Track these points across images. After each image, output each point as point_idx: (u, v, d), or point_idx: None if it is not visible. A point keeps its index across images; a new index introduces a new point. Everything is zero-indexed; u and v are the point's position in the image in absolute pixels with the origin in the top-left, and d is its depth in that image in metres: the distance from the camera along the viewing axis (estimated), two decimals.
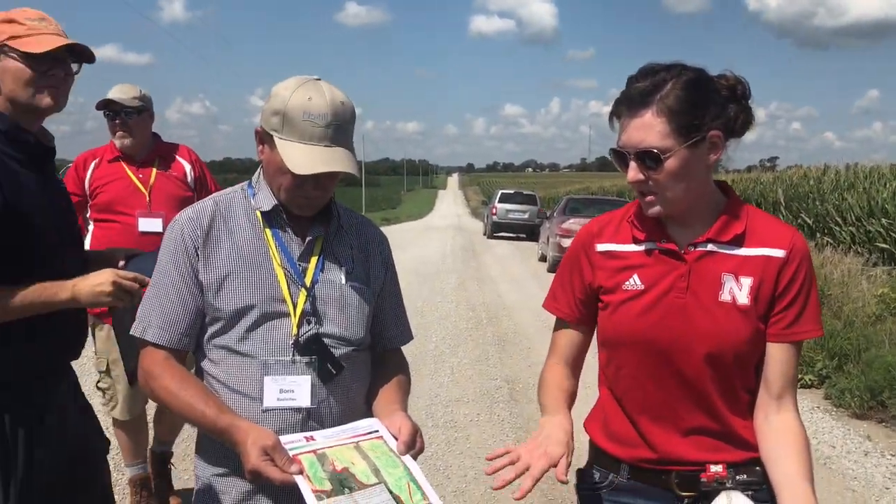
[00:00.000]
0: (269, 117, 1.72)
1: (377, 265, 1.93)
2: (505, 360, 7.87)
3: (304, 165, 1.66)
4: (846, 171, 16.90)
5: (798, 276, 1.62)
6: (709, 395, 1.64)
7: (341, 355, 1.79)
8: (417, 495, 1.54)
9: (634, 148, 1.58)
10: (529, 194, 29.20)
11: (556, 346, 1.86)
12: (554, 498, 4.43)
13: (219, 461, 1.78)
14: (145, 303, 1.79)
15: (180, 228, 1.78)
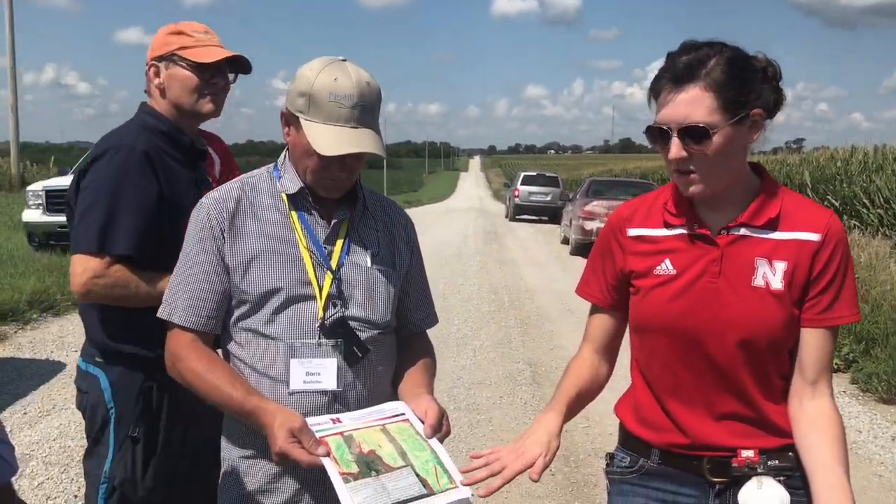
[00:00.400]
0: (294, 98, 1.71)
1: (402, 248, 1.92)
2: (527, 343, 7.87)
3: (330, 147, 1.65)
4: (874, 152, 16.66)
5: (833, 261, 1.59)
6: (741, 380, 1.61)
7: (367, 338, 1.79)
8: (444, 478, 1.53)
9: (679, 123, 1.52)
10: (552, 176, 29.06)
11: (590, 332, 1.84)
12: (577, 481, 4.43)
13: (245, 443, 1.78)
14: (172, 285, 1.79)
15: (206, 211, 1.78)
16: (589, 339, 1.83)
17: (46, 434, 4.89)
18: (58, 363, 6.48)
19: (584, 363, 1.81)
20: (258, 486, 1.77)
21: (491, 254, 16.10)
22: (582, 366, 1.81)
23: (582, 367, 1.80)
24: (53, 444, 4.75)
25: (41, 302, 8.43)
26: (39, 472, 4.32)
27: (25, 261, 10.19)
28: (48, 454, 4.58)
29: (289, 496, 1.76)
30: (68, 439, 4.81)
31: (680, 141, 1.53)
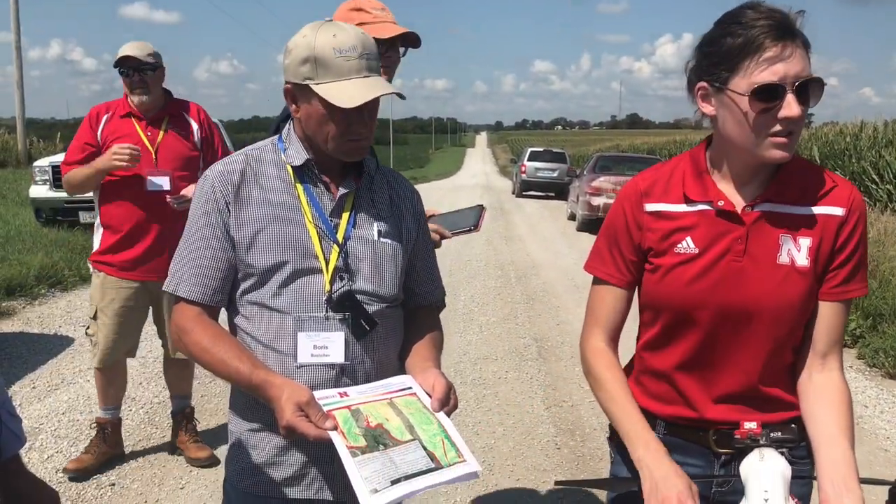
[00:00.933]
0: (297, 69, 1.68)
1: (409, 221, 1.91)
2: (533, 319, 7.87)
3: (351, 98, 1.63)
4: (884, 127, 16.51)
5: (855, 234, 1.57)
6: (758, 358, 1.59)
7: (375, 312, 1.78)
8: (452, 452, 1.52)
9: (797, 78, 1.44)
10: (559, 152, 28.91)
11: (599, 314, 1.74)
12: (583, 455, 4.45)
13: (252, 416, 1.78)
14: (177, 258, 1.79)
15: (211, 183, 1.76)
16: (600, 323, 1.73)
17: (55, 408, 4.92)
18: (66, 338, 6.51)
19: (607, 356, 1.71)
20: (265, 458, 1.78)
21: (497, 230, 16.07)
22: (609, 360, 1.70)
23: (609, 362, 1.70)
24: (62, 417, 4.78)
25: (49, 277, 8.46)
26: (49, 446, 4.35)
27: (33, 236, 10.20)
28: (57, 428, 4.61)
29: (296, 469, 1.77)
30: (77, 413, 4.85)
31: (795, 98, 1.45)
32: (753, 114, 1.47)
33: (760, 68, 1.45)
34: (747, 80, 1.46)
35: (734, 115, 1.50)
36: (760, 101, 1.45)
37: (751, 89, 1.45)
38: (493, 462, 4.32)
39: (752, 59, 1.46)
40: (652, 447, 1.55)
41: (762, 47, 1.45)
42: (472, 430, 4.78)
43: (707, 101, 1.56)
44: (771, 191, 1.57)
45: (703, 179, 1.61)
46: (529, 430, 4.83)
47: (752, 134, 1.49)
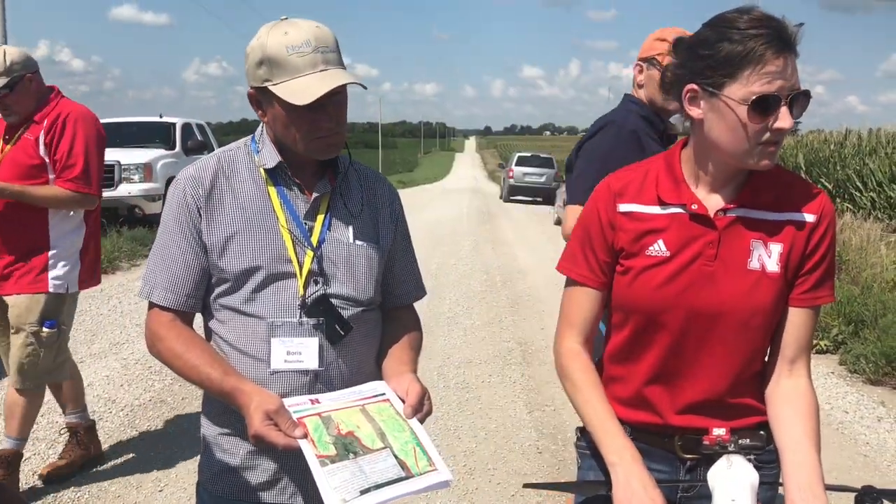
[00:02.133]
0: (254, 72, 1.67)
1: (386, 221, 1.88)
2: (518, 323, 7.88)
3: (307, 93, 1.60)
4: (868, 135, 16.63)
5: (824, 241, 1.57)
6: (727, 363, 1.59)
7: (350, 316, 1.76)
8: (423, 460, 1.51)
9: (791, 91, 1.45)
10: (546, 157, 28.99)
11: (572, 316, 1.72)
12: (564, 459, 4.45)
13: (224, 421, 1.77)
14: (150, 264, 1.76)
15: (182, 188, 1.73)
16: (574, 325, 1.71)
17: None
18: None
19: (582, 359, 1.69)
20: (238, 463, 1.76)
21: (484, 234, 16.09)
22: (583, 363, 1.69)
23: (584, 364, 1.68)
24: (40, 419, 4.71)
25: None
26: (26, 448, 4.29)
27: None
28: (36, 430, 4.54)
29: (269, 474, 1.75)
30: (55, 415, 4.79)
31: (788, 110, 1.46)
32: (750, 123, 1.47)
33: (763, 80, 1.44)
34: (746, 90, 1.45)
35: (726, 122, 1.49)
36: (758, 113, 1.45)
37: (750, 99, 1.45)
38: (474, 466, 4.32)
39: (753, 70, 1.45)
40: (626, 455, 1.54)
41: (764, 59, 1.44)
42: (454, 434, 4.78)
43: (695, 103, 1.55)
44: (744, 196, 1.58)
45: (677, 182, 1.61)
46: (511, 434, 4.82)
47: (745, 142, 1.49)
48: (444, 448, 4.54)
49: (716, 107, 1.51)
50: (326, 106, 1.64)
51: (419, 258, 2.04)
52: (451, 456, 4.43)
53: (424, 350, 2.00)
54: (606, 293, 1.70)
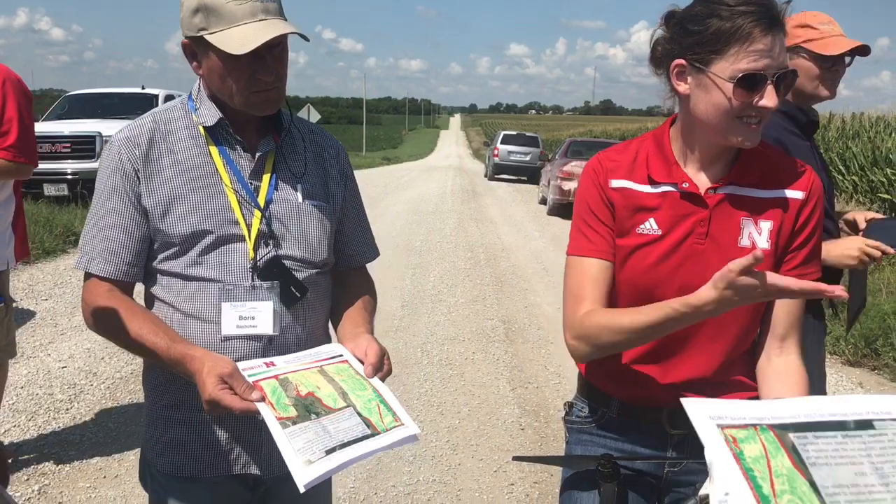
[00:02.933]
0: (190, 20, 1.58)
1: (335, 179, 1.80)
2: (502, 301, 7.89)
3: (244, 42, 1.51)
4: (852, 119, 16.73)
5: (813, 217, 1.58)
6: (718, 341, 1.60)
7: (304, 278, 1.70)
8: (388, 417, 1.46)
9: (777, 69, 1.45)
10: (532, 136, 28.93)
11: (587, 292, 1.60)
12: (547, 436, 4.47)
13: (169, 392, 1.68)
14: (86, 234, 1.66)
15: (117, 150, 1.63)
16: (588, 298, 1.60)
17: (14, 381, 4.83)
18: (26, 311, 6.41)
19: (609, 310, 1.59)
20: (186, 436, 1.68)
21: (468, 212, 16.07)
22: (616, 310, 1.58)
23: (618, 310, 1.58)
24: (21, 391, 4.71)
25: None
26: (6, 420, 4.28)
27: None
28: (15, 401, 4.54)
29: (222, 445, 1.68)
30: (36, 387, 4.78)
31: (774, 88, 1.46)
32: (734, 100, 1.46)
33: (750, 58, 1.44)
34: (733, 67, 1.45)
35: (712, 98, 1.49)
36: (744, 90, 1.45)
37: (736, 77, 1.44)
38: (457, 442, 4.33)
39: (740, 47, 1.44)
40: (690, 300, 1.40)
41: (751, 37, 1.44)
42: (438, 411, 4.79)
43: (682, 78, 1.54)
44: (734, 173, 1.58)
45: (667, 160, 1.60)
46: (494, 411, 4.84)
47: (727, 118, 1.49)
48: (428, 424, 4.55)
49: (702, 83, 1.50)
50: (265, 57, 1.56)
51: (403, 236, 2.03)
52: (435, 432, 4.45)
53: (408, 327, 2.00)
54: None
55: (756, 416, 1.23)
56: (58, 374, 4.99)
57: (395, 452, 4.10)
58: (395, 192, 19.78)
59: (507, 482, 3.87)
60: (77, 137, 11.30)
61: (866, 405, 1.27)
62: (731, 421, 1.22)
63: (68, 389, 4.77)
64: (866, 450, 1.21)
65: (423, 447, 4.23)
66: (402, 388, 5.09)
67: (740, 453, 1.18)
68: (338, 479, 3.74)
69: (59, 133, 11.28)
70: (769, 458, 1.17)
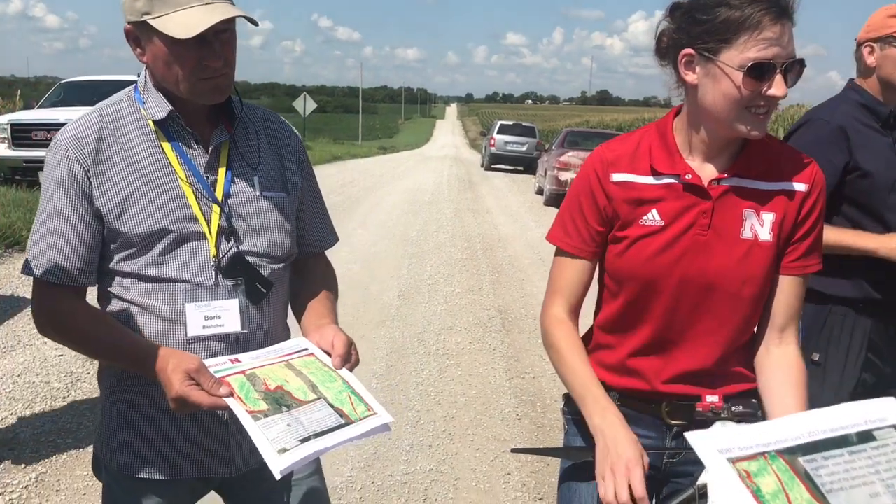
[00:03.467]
0: (132, 4, 1.50)
1: (292, 167, 1.75)
2: (498, 291, 7.90)
3: (190, 26, 1.45)
4: None
5: (815, 209, 1.58)
6: (719, 333, 1.60)
7: (269, 273, 1.66)
8: (361, 406, 1.44)
9: (787, 59, 1.45)
10: (528, 126, 28.89)
11: (561, 285, 1.70)
12: (543, 426, 4.49)
13: (130, 389, 1.62)
14: (34, 239, 1.57)
15: (64, 150, 1.55)
16: (562, 294, 1.70)
17: (10, 369, 4.84)
18: (23, 299, 6.39)
19: (567, 327, 1.69)
20: (148, 437, 1.62)
21: (465, 202, 16.06)
22: (569, 331, 1.69)
23: (569, 332, 1.69)
24: (18, 379, 4.70)
25: (6, 237, 8.29)
26: (3, 407, 4.28)
27: None
28: (12, 390, 4.53)
29: (184, 448, 1.63)
30: (33, 375, 4.77)
31: (783, 77, 1.46)
32: (744, 89, 1.46)
33: (759, 46, 1.44)
34: (742, 56, 1.45)
35: (720, 87, 1.49)
36: (753, 79, 1.45)
37: (745, 66, 1.45)
38: (453, 431, 4.34)
39: (750, 36, 1.44)
40: (609, 415, 1.55)
41: (761, 26, 1.44)
42: (435, 401, 4.80)
43: (690, 68, 1.54)
44: (738, 165, 1.58)
45: (670, 151, 1.60)
46: (491, 401, 4.86)
47: (736, 108, 1.49)
48: (425, 413, 4.56)
49: (711, 72, 1.50)
50: (213, 43, 1.50)
51: (399, 225, 2.02)
52: (431, 421, 4.46)
53: (405, 317, 1.99)
54: (595, 264, 1.70)
55: (762, 443, 1.25)
56: (54, 362, 4.98)
57: (392, 441, 4.12)
58: (391, 182, 19.74)
59: (504, 471, 3.89)
60: None
61: (863, 413, 1.30)
62: (739, 452, 1.23)
63: (65, 378, 4.76)
64: (874, 466, 1.23)
65: (421, 436, 4.24)
66: (398, 378, 5.11)
67: (757, 490, 1.18)
68: (334, 468, 3.75)
69: (55, 120, 11.22)
70: (787, 492, 1.18)
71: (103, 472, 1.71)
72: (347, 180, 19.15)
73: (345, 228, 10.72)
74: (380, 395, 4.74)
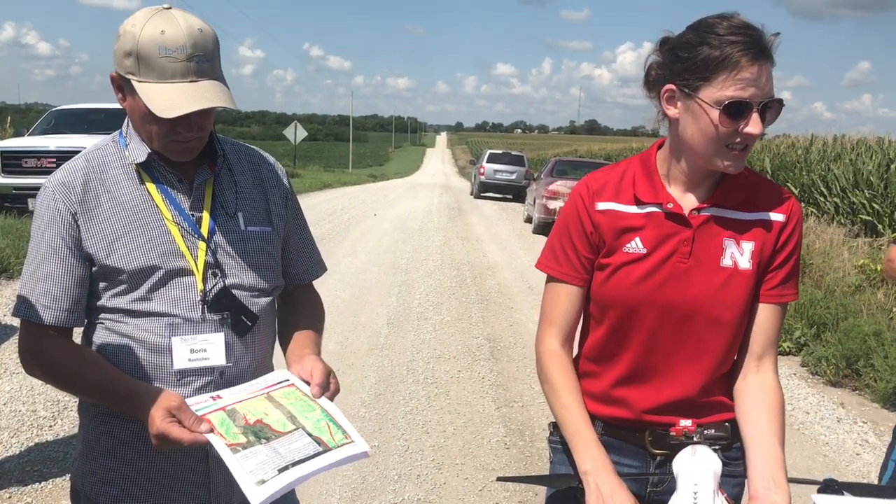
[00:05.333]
0: (121, 60, 1.53)
1: (277, 201, 1.78)
2: (487, 319, 7.91)
3: (170, 107, 1.48)
4: (833, 141, 16.92)
5: (792, 239, 1.63)
6: (699, 360, 1.63)
7: (254, 306, 1.68)
8: (339, 434, 1.46)
9: (764, 98, 1.49)
10: (517, 155, 29.06)
11: (554, 316, 1.72)
12: (531, 455, 4.49)
13: (110, 418, 1.63)
14: (26, 280, 1.62)
15: (52, 195, 1.59)
16: (555, 323, 1.72)
17: None
18: (10, 327, 6.36)
19: (562, 360, 1.71)
20: (127, 465, 1.64)
21: (454, 230, 16.10)
22: (564, 365, 1.70)
23: (564, 366, 1.70)
24: (3, 408, 4.67)
25: None
26: None
27: None
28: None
29: (164, 482, 1.64)
30: (19, 403, 4.74)
31: (759, 116, 1.50)
32: (721, 126, 1.51)
33: (736, 86, 1.48)
34: (720, 93, 1.50)
35: (698, 123, 1.54)
36: (729, 117, 1.50)
37: (722, 104, 1.49)
38: (441, 461, 4.34)
39: (728, 75, 1.49)
40: (599, 464, 1.57)
41: (739, 66, 1.48)
42: (423, 429, 4.79)
43: (672, 103, 1.59)
44: (717, 195, 1.62)
45: (653, 182, 1.65)
46: (479, 430, 4.85)
47: (713, 144, 1.53)
48: (413, 442, 4.55)
49: (690, 108, 1.55)
50: (191, 117, 1.53)
51: (389, 253, 2.05)
52: (420, 451, 4.45)
53: (394, 345, 2.01)
54: (586, 291, 1.72)
55: None
56: (41, 390, 4.95)
57: (380, 471, 4.11)
58: (381, 210, 19.79)
59: (492, 501, 3.88)
60: (63, 152, 11.25)
61: None
62: None
63: (51, 406, 4.73)
64: None
65: (409, 466, 4.23)
66: (387, 407, 5.10)
67: None
68: (322, 497, 3.73)
69: (45, 148, 11.24)
70: None
71: (80, 502, 1.72)
72: (337, 208, 19.20)
73: (334, 256, 10.73)
74: (368, 423, 4.73)
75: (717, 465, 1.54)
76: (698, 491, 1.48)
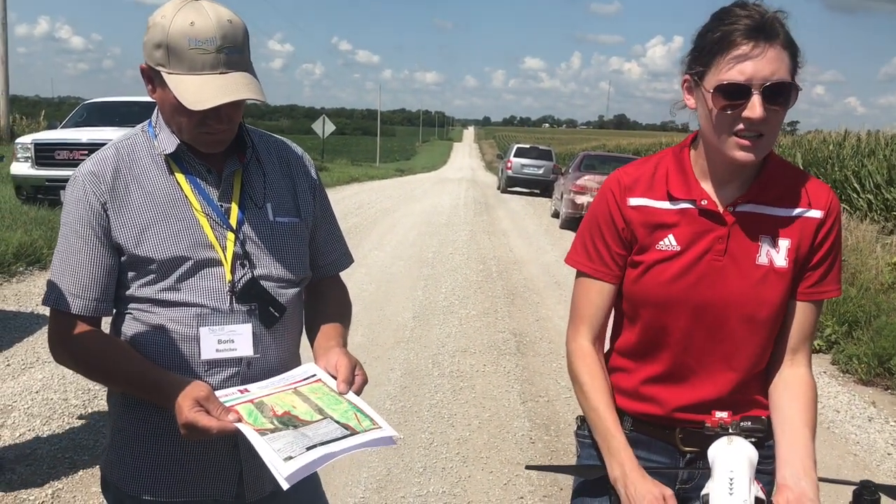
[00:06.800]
0: (151, 51, 1.54)
1: (304, 191, 1.78)
2: (513, 314, 7.89)
3: (200, 100, 1.48)
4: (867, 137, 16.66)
5: (830, 236, 1.59)
6: (734, 358, 1.61)
7: (283, 297, 1.68)
8: (366, 421, 1.47)
9: (764, 80, 1.42)
10: (545, 149, 28.96)
11: (585, 313, 1.69)
12: (557, 450, 4.47)
13: (139, 410, 1.64)
14: (55, 269, 1.63)
15: (82, 185, 1.60)
16: (586, 321, 1.69)
17: (29, 386, 4.89)
18: (42, 316, 6.46)
19: (592, 358, 1.68)
20: (159, 461, 1.65)
21: (481, 224, 16.08)
22: (594, 363, 1.67)
23: (595, 366, 1.67)
24: (36, 396, 4.75)
25: (27, 255, 8.39)
26: (21, 424, 4.32)
27: (13, 213, 10.10)
28: (30, 406, 4.58)
29: (196, 472, 1.65)
30: (51, 392, 4.82)
31: (762, 100, 1.44)
32: (716, 111, 1.47)
33: (729, 66, 1.44)
34: (716, 77, 1.46)
35: (703, 111, 1.52)
36: (723, 99, 1.45)
37: (714, 87, 1.46)
38: (466, 454, 4.34)
39: (722, 56, 1.45)
40: (627, 468, 1.55)
41: (733, 44, 1.44)
42: (448, 423, 4.80)
43: (690, 93, 1.57)
44: (753, 191, 1.58)
45: (686, 177, 1.61)
46: (504, 424, 4.85)
47: (716, 131, 1.49)
48: (438, 436, 4.56)
49: (699, 96, 1.53)
50: (221, 109, 1.53)
51: (415, 247, 2.04)
52: (445, 444, 4.46)
53: (420, 338, 2.00)
54: (618, 287, 1.69)
55: None
56: (72, 379, 5.02)
57: (405, 463, 4.12)
58: (407, 204, 19.82)
59: (516, 496, 3.87)
60: (94, 145, 11.38)
61: None
62: None
63: (82, 395, 4.81)
64: None
65: (434, 459, 4.24)
66: (412, 400, 5.11)
67: None
68: (347, 488, 3.75)
69: (77, 140, 11.39)
70: None
71: (110, 492, 1.74)
72: (364, 202, 19.27)
73: (361, 249, 10.77)
74: (393, 416, 4.75)
75: (754, 454, 1.50)
76: (734, 478, 1.44)
